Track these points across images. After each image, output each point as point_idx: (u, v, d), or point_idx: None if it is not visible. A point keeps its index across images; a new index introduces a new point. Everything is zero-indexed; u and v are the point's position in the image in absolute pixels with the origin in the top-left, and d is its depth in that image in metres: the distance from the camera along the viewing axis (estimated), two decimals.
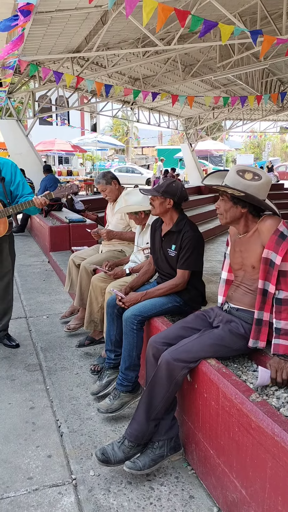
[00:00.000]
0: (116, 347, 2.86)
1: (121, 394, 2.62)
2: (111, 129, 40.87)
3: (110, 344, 2.88)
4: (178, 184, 2.68)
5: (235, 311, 2.23)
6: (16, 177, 3.41)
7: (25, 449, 2.42)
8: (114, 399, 2.61)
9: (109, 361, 2.91)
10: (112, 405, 2.60)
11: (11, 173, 3.39)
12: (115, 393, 2.64)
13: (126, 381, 2.61)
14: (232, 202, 2.16)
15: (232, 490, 1.84)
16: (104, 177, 3.87)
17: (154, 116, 17.73)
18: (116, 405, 2.60)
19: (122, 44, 9.52)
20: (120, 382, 2.63)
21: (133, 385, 2.63)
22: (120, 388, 2.62)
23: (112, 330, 2.86)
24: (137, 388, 2.68)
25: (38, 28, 7.59)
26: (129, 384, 2.62)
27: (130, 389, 2.63)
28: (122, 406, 2.62)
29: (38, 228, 8.05)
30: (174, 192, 2.64)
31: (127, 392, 2.63)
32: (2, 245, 3.53)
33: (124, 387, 2.62)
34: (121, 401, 2.62)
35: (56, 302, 4.86)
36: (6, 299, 3.68)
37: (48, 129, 26.88)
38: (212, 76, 11.20)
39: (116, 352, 2.86)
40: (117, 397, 2.62)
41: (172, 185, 2.65)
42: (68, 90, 12.60)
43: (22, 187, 3.41)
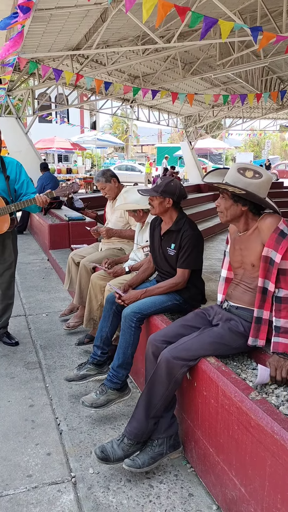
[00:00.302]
0: (105, 344, 2.86)
1: (108, 391, 2.61)
2: (110, 127, 40.83)
3: (100, 340, 2.88)
4: (176, 183, 2.67)
5: (234, 309, 2.23)
6: (21, 176, 3.47)
7: (24, 447, 2.42)
8: (101, 394, 2.60)
9: (94, 357, 2.91)
10: (97, 400, 2.59)
11: (16, 172, 3.45)
12: (102, 388, 2.62)
13: (116, 378, 2.60)
14: (232, 200, 2.16)
15: (231, 488, 1.84)
16: (104, 175, 3.86)
17: (153, 114, 17.70)
18: (102, 401, 2.59)
19: (121, 41, 9.49)
20: (110, 378, 2.62)
21: (122, 383, 2.63)
22: (109, 385, 2.61)
23: (105, 326, 2.86)
24: (125, 388, 2.67)
25: (37, 25, 7.57)
26: (118, 382, 2.61)
27: (119, 387, 2.62)
28: (107, 402, 2.60)
29: (38, 226, 8.04)
30: (173, 191, 2.63)
31: (115, 390, 2.62)
32: (5, 241, 3.54)
33: (113, 384, 2.61)
34: (107, 397, 2.60)
35: (56, 300, 4.85)
36: (7, 295, 3.70)
37: (48, 127, 26.82)
38: (212, 74, 11.17)
39: (103, 350, 2.87)
40: (104, 392, 2.60)
41: (170, 184, 2.64)
42: (68, 87, 12.57)
43: (26, 186, 3.47)
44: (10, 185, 3.41)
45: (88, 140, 23.95)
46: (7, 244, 3.56)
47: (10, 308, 3.76)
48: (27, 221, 9.19)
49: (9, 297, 3.71)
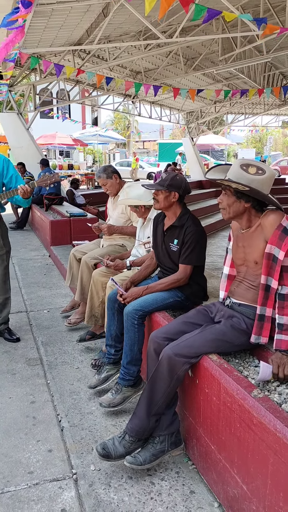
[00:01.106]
0: (117, 342, 2.85)
1: (123, 389, 2.61)
2: (112, 123, 40.71)
3: (110, 339, 2.87)
4: (181, 177, 2.66)
5: (237, 306, 2.22)
6: (9, 171, 3.51)
7: (25, 444, 2.42)
8: (116, 394, 2.61)
9: (109, 356, 2.90)
10: (114, 400, 2.60)
11: (2, 167, 3.48)
12: (117, 387, 2.63)
13: (128, 376, 2.60)
14: (235, 197, 2.14)
15: (233, 485, 1.83)
16: (105, 171, 3.84)
17: (155, 110, 17.63)
18: (118, 400, 2.60)
19: (123, 37, 9.44)
20: (122, 376, 2.62)
21: (135, 379, 2.63)
22: (122, 383, 2.62)
23: (112, 325, 2.85)
24: (139, 382, 2.67)
25: (39, 20, 7.53)
26: (131, 378, 2.61)
27: (132, 383, 2.62)
28: (124, 400, 2.61)
29: (39, 222, 8.03)
30: (179, 185, 2.62)
31: (129, 387, 2.62)
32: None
33: (126, 381, 2.61)
34: (123, 395, 2.61)
35: (57, 296, 4.85)
36: (3, 289, 3.71)
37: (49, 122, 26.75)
38: (214, 69, 11.11)
39: (116, 348, 2.85)
40: (119, 391, 2.61)
41: (176, 178, 2.63)
42: (69, 83, 12.52)
43: (15, 180, 3.51)
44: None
45: (89, 136, 23.89)
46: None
47: (9, 302, 3.77)
48: (27, 217, 9.17)
49: (5, 291, 3.72)
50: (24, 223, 9.21)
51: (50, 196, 8.51)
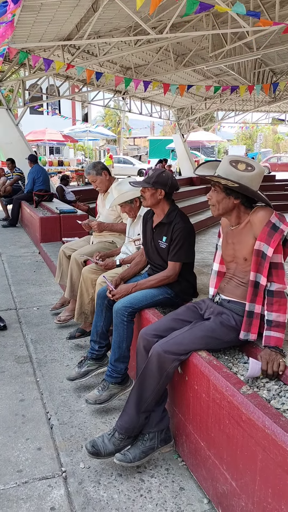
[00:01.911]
0: (102, 338, 2.85)
1: (110, 386, 2.60)
2: (102, 119, 40.52)
3: (96, 335, 2.87)
4: (168, 174, 2.65)
5: (226, 303, 2.22)
6: None
7: (14, 442, 2.40)
8: (103, 390, 2.60)
9: (92, 352, 2.90)
10: (100, 396, 2.59)
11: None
12: (104, 384, 2.62)
13: (115, 373, 2.59)
14: (224, 193, 2.13)
15: (222, 482, 1.83)
16: (95, 167, 3.82)
17: (146, 106, 17.59)
18: (105, 397, 2.59)
19: (113, 32, 9.38)
20: (110, 373, 2.61)
21: (122, 376, 2.62)
22: (109, 380, 2.61)
23: (99, 321, 2.84)
24: (126, 380, 2.67)
25: (28, 14, 7.46)
26: (118, 376, 2.60)
27: (119, 380, 2.62)
28: (110, 397, 2.61)
29: (29, 219, 7.97)
30: (165, 182, 2.61)
31: (116, 384, 2.61)
32: None
33: (114, 378, 2.60)
34: (110, 392, 2.60)
35: (47, 293, 4.82)
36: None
37: (39, 118, 26.59)
38: (204, 66, 11.10)
39: (101, 344, 2.85)
40: (106, 388, 2.60)
41: (162, 175, 2.62)
42: (59, 78, 12.43)
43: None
44: None
45: (79, 132, 23.76)
46: None
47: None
48: (17, 214, 9.10)
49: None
50: (16, 220, 9.14)
51: (40, 193, 8.45)
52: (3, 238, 7.84)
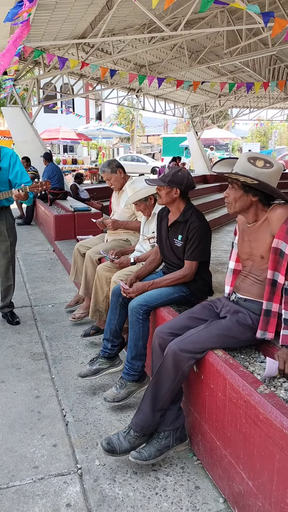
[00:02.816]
0: (115, 337, 2.84)
1: (127, 383, 2.61)
2: (116, 117, 40.55)
3: (109, 333, 2.87)
4: (184, 173, 2.63)
5: (242, 301, 2.20)
6: (15, 167, 3.58)
7: (30, 438, 2.42)
8: (121, 388, 2.60)
9: (105, 350, 2.90)
10: (118, 394, 2.59)
11: (9, 163, 3.56)
12: (121, 382, 2.63)
13: (132, 371, 2.59)
14: (243, 191, 2.11)
15: (238, 481, 1.82)
16: (110, 165, 3.82)
17: (159, 104, 17.54)
18: (123, 394, 2.59)
19: (128, 30, 9.36)
20: (127, 371, 2.61)
21: (139, 374, 2.62)
22: (127, 377, 2.61)
23: (113, 319, 2.85)
24: (144, 378, 2.67)
25: (42, 13, 7.48)
26: (135, 374, 2.60)
27: (137, 378, 2.62)
28: (128, 395, 2.61)
29: (43, 217, 8.02)
30: (181, 181, 2.59)
31: (134, 381, 2.62)
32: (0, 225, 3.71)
33: (131, 376, 2.60)
34: (128, 390, 2.61)
35: (61, 291, 4.84)
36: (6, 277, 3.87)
37: (53, 117, 26.72)
38: (219, 62, 11.02)
39: (114, 343, 2.85)
40: (124, 386, 2.60)
41: (178, 174, 2.60)
42: (73, 77, 12.46)
43: (20, 176, 3.59)
44: (2, 176, 3.54)
45: (93, 131, 23.81)
46: (1, 229, 3.73)
47: (11, 289, 3.94)
48: (32, 212, 9.16)
49: (7, 279, 3.87)
50: (31, 219, 9.21)
51: (54, 191, 8.50)
52: (18, 236, 7.86)
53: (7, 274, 3.86)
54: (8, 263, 3.83)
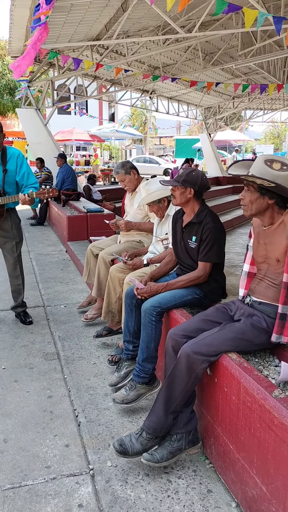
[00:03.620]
0: (135, 338, 2.83)
1: (137, 386, 2.60)
2: (129, 118, 40.63)
3: (128, 335, 2.86)
4: (198, 173, 2.62)
5: (257, 304, 2.18)
6: (22, 168, 3.61)
7: (43, 438, 2.43)
8: (130, 390, 2.60)
9: (127, 352, 2.89)
10: (128, 396, 2.59)
11: (16, 164, 3.59)
12: (131, 384, 2.62)
13: (143, 373, 2.59)
14: (259, 193, 2.09)
15: (252, 486, 1.81)
16: (123, 166, 3.82)
17: (173, 106, 17.54)
18: (132, 396, 2.59)
19: (142, 32, 9.39)
20: (137, 373, 2.61)
21: (149, 377, 2.61)
22: (137, 380, 2.61)
23: (130, 320, 2.84)
24: (154, 381, 2.66)
25: (58, 15, 7.54)
26: (146, 376, 2.60)
27: (147, 380, 2.61)
28: (138, 397, 2.60)
29: (56, 217, 8.07)
30: (194, 181, 2.59)
31: (144, 384, 2.61)
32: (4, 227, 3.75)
33: (141, 378, 2.60)
34: (137, 392, 2.60)
35: (74, 291, 4.86)
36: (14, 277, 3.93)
37: (67, 118, 26.87)
38: (233, 64, 10.99)
39: (134, 343, 2.84)
40: (133, 388, 2.60)
41: (192, 174, 2.60)
42: (87, 78, 12.52)
43: (27, 177, 3.62)
44: (9, 177, 3.57)
45: (106, 132, 23.89)
46: (7, 229, 3.77)
47: (21, 289, 3.98)
48: (45, 213, 9.22)
49: (16, 278, 3.93)
50: (44, 219, 9.27)
51: (67, 192, 8.54)
52: (31, 237, 7.96)
53: (15, 273, 3.91)
54: (15, 262, 3.89)
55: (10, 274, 3.94)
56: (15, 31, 8.56)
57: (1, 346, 3.54)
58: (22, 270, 3.96)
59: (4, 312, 4.22)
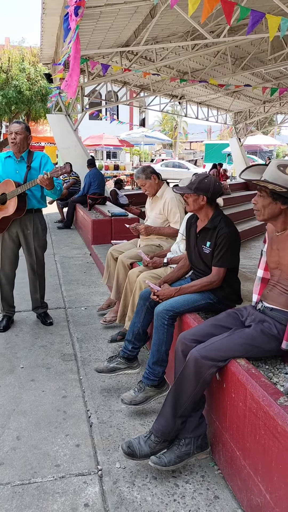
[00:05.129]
0: (136, 340, 2.86)
1: (146, 388, 2.61)
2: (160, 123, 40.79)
3: (131, 335, 2.88)
4: (210, 180, 2.62)
5: (269, 310, 2.16)
6: (46, 166, 3.72)
7: (54, 437, 2.47)
8: (139, 392, 2.61)
9: (125, 351, 2.91)
10: (136, 398, 2.60)
11: (40, 163, 3.73)
12: (140, 385, 2.63)
13: (152, 375, 2.60)
14: (271, 198, 2.08)
15: (256, 493, 1.78)
16: (144, 171, 3.85)
17: (202, 111, 17.51)
18: (140, 398, 2.60)
19: (171, 37, 9.43)
20: (147, 375, 2.62)
21: (159, 380, 2.62)
22: (146, 382, 2.62)
23: (138, 322, 2.86)
24: (163, 384, 2.67)
25: (87, 23, 7.68)
26: (155, 379, 2.60)
27: (156, 383, 2.62)
28: (146, 399, 2.61)
29: (82, 221, 8.18)
30: (207, 188, 2.59)
31: (152, 387, 2.62)
32: (27, 225, 3.81)
33: (150, 381, 2.61)
34: (146, 394, 2.61)
35: (95, 294, 4.92)
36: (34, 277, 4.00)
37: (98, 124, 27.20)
38: (263, 69, 10.89)
39: (135, 345, 2.86)
40: (142, 390, 2.61)
41: (204, 181, 2.60)
42: (116, 84, 12.67)
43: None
44: (33, 175, 3.66)
45: (135, 137, 24.06)
46: (28, 232, 3.83)
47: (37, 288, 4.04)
48: (72, 216, 9.36)
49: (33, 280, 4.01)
50: (70, 223, 9.42)
51: (94, 196, 8.65)
52: (57, 240, 8.10)
53: (34, 275, 3.98)
54: (33, 266, 3.93)
55: (28, 273, 4.00)
56: (46, 38, 8.78)
57: (21, 345, 3.62)
58: (41, 273, 4.01)
59: (26, 313, 4.31)
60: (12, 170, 3.72)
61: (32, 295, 4.08)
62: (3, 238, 3.85)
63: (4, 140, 21.49)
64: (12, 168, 3.72)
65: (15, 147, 3.66)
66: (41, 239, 3.89)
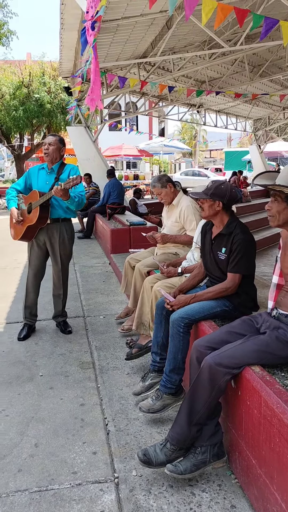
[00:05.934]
0: (162, 350, 2.84)
1: (163, 396, 2.61)
2: (179, 132, 40.93)
3: (156, 346, 2.88)
4: (227, 186, 2.63)
5: (283, 317, 2.14)
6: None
7: (72, 444, 2.49)
8: (157, 400, 2.61)
9: (154, 364, 2.90)
10: (154, 406, 2.60)
11: (68, 175, 3.78)
12: (157, 393, 2.63)
13: (169, 383, 2.60)
14: (286, 203, 2.08)
15: (272, 503, 1.76)
16: (160, 180, 3.88)
17: (221, 119, 17.51)
18: (158, 406, 2.60)
19: (188, 47, 9.52)
20: (164, 383, 2.62)
21: (176, 388, 2.61)
22: (163, 390, 2.61)
23: (159, 331, 2.86)
24: (180, 392, 2.66)
25: (105, 36, 7.82)
26: (172, 387, 2.60)
27: (173, 391, 2.61)
28: (163, 407, 2.61)
29: (101, 230, 8.26)
30: (223, 194, 2.59)
31: (170, 395, 2.61)
32: (53, 234, 3.90)
33: (167, 389, 2.61)
34: (163, 402, 2.61)
35: (114, 303, 4.95)
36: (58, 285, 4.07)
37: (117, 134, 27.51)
38: (281, 75, 10.85)
39: (162, 356, 2.85)
40: (160, 398, 2.61)
41: (220, 187, 2.60)
42: (135, 95, 12.81)
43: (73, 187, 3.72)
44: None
45: (154, 147, 24.21)
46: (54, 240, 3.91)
47: (61, 298, 4.11)
48: (92, 226, 9.46)
49: (58, 287, 4.08)
50: (90, 232, 9.52)
51: (113, 206, 8.73)
52: (77, 249, 8.19)
53: (58, 283, 4.06)
54: (58, 273, 4.02)
55: (53, 282, 4.09)
56: (65, 52, 8.97)
57: (40, 354, 3.67)
58: (65, 282, 4.09)
59: (46, 322, 4.37)
60: (43, 181, 3.85)
61: (55, 304, 4.15)
62: (32, 246, 3.97)
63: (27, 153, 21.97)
64: (43, 179, 3.86)
65: (48, 157, 3.80)
66: (66, 248, 3.98)
